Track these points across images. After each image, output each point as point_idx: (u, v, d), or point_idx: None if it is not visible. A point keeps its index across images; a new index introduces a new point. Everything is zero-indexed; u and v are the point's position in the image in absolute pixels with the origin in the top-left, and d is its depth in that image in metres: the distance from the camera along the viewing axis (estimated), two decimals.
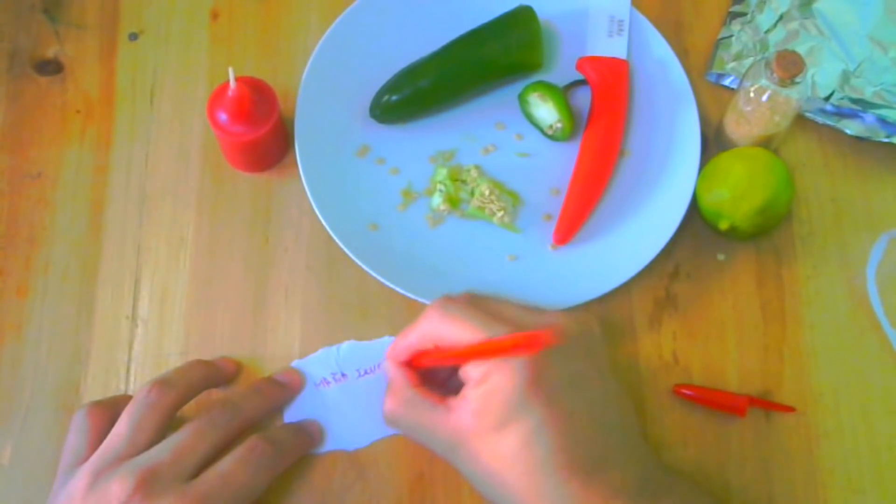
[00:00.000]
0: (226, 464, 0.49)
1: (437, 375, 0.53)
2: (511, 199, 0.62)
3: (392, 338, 0.58)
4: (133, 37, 0.67)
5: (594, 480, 0.45)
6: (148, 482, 0.46)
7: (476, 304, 0.50)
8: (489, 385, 0.46)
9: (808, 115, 0.64)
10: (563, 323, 0.49)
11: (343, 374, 0.57)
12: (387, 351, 0.53)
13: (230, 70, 0.56)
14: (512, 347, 0.44)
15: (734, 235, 0.60)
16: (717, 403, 0.57)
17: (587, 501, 0.45)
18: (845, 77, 0.64)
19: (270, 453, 0.51)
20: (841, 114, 0.64)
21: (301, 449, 0.54)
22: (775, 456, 0.56)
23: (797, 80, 0.56)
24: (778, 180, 0.58)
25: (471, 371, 0.47)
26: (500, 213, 0.61)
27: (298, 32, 0.67)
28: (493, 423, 0.45)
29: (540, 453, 0.45)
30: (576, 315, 0.50)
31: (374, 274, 0.58)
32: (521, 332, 0.44)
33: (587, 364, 0.48)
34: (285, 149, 0.63)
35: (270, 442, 0.51)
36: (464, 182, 0.62)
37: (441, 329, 0.49)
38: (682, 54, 0.66)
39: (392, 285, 0.58)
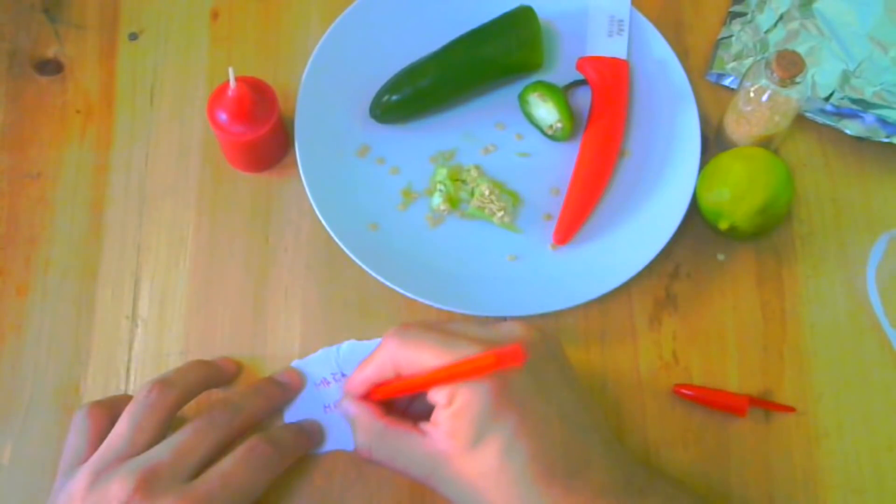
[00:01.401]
0: (226, 464, 0.49)
1: (398, 402, 0.52)
2: (511, 199, 0.62)
3: None
4: (133, 37, 0.67)
5: (576, 484, 0.45)
6: (148, 482, 0.46)
7: (432, 326, 0.48)
8: (457, 405, 0.45)
9: (808, 115, 0.64)
10: (522, 332, 0.48)
11: (343, 375, 0.57)
12: (343, 387, 0.52)
13: (230, 70, 0.56)
14: (482, 368, 0.42)
15: (734, 235, 0.60)
16: (717, 403, 0.57)
17: None
18: (845, 77, 0.64)
19: (270, 453, 0.51)
20: (841, 114, 0.64)
21: (301, 449, 0.54)
22: (775, 456, 0.56)
23: (797, 80, 0.56)
24: (778, 180, 0.58)
25: (436, 394, 0.46)
26: (500, 213, 0.61)
27: (298, 32, 0.67)
28: (467, 442, 0.45)
29: (517, 464, 0.44)
30: (531, 324, 0.49)
31: (374, 274, 0.58)
32: (488, 351, 0.42)
33: (552, 369, 0.48)
34: (285, 149, 0.63)
35: (271, 442, 0.51)
36: (464, 182, 0.62)
37: (401, 356, 0.47)
38: (682, 54, 0.66)
39: (392, 285, 0.58)
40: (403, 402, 0.52)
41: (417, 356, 0.46)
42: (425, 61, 0.63)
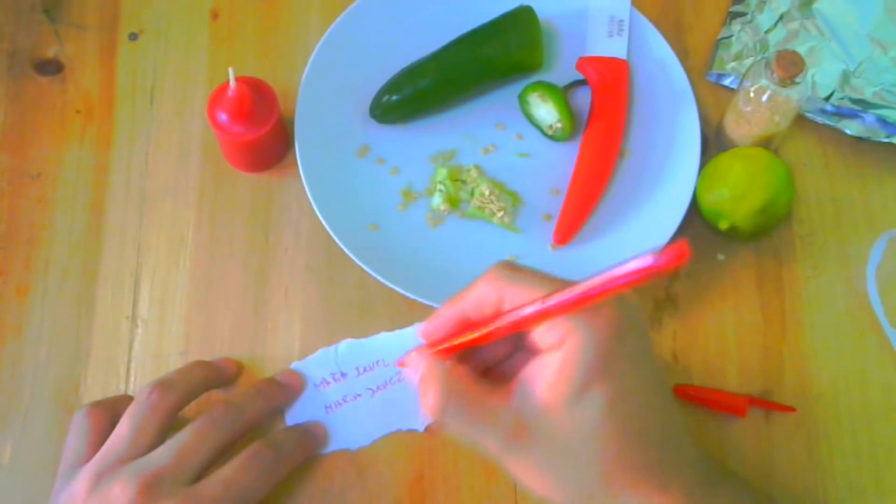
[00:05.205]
0: (229, 469, 0.49)
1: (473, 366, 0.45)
2: (511, 199, 0.62)
3: (389, 333, 0.58)
4: (133, 37, 0.67)
5: (665, 457, 0.42)
6: (150, 486, 0.46)
7: (537, 270, 0.42)
8: (567, 349, 0.39)
9: (808, 115, 0.64)
10: (630, 298, 0.42)
11: (343, 374, 0.57)
12: (421, 329, 0.45)
13: (230, 70, 0.56)
14: (636, 278, 0.34)
15: (734, 235, 0.60)
16: (717, 403, 0.57)
17: (666, 479, 0.41)
18: (845, 77, 0.64)
19: (273, 458, 0.51)
20: (841, 114, 0.64)
21: (304, 452, 0.54)
22: (775, 456, 0.56)
23: (797, 80, 0.56)
24: (778, 180, 0.58)
25: (543, 336, 0.40)
26: (500, 213, 0.61)
27: (298, 32, 0.67)
28: (572, 391, 0.39)
29: (622, 418, 0.40)
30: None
31: (374, 274, 0.58)
32: (643, 256, 0.35)
33: (649, 342, 0.43)
34: (285, 149, 0.63)
35: (273, 447, 0.51)
36: (464, 182, 0.62)
37: (509, 289, 0.41)
38: (682, 54, 0.66)
39: (392, 285, 0.58)
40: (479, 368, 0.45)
41: (529, 290, 0.40)
42: (425, 61, 0.63)
